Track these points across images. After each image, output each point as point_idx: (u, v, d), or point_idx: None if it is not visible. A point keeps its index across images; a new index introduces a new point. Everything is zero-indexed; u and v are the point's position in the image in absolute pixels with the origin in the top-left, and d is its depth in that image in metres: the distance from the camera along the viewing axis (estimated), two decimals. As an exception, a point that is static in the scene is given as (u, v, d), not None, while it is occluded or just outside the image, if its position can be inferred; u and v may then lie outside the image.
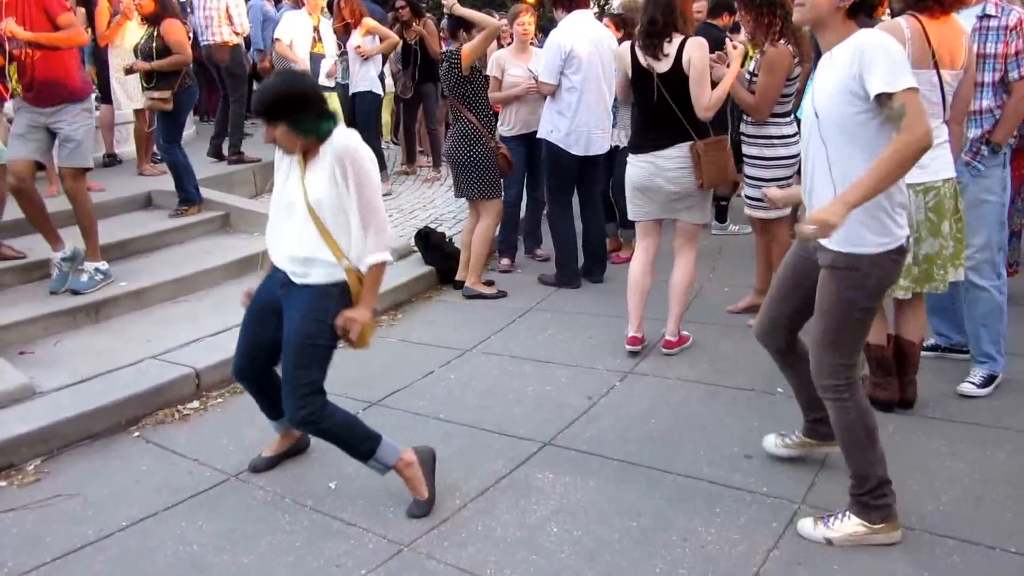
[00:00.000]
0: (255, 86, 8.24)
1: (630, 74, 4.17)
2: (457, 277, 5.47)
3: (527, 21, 5.62)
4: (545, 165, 5.43)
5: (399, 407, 3.83)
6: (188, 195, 6.09)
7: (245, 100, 7.80)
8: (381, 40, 7.44)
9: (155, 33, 5.88)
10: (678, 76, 3.98)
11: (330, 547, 2.80)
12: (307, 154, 2.84)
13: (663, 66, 4.01)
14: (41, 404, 3.61)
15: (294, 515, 3.00)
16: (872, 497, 2.64)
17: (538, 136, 5.36)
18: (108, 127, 7.47)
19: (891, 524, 2.65)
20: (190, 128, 8.36)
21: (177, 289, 4.92)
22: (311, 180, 2.81)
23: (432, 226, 6.36)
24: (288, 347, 2.85)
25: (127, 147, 7.63)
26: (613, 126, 5.47)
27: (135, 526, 2.96)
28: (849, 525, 2.66)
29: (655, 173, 4.09)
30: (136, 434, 3.63)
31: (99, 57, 7.51)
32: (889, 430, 3.21)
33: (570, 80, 5.10)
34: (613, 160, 5.63)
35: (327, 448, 3.05)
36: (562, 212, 5.46)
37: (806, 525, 2.73)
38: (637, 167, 4.17)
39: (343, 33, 7.67)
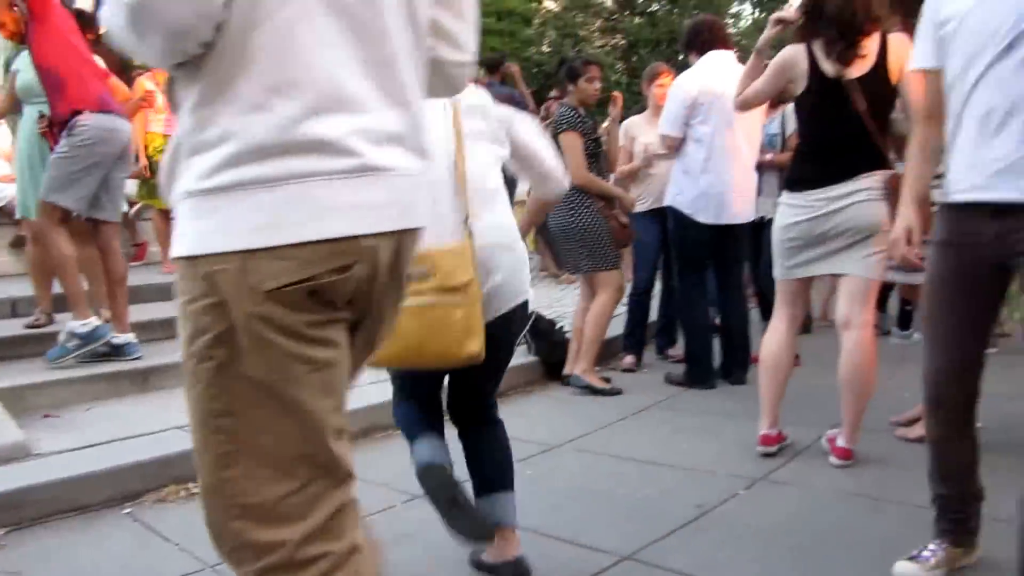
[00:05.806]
0: None
1: (803, 85, 3.08)
2: (565, 371, 4.58)
3: (667, 83, 4.77)
4: (671, 237, 4.52)
5: (450, 503, 2.95)
6: None
7: None
8: None
9: None
10: (878, 84, 2.98)
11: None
12: None
13: (859, 70, 2.98)
14: (27, 467, 3.03)
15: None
16: None
17: (663, 204, 4.53)
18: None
19: None
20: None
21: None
22: None
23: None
24: None
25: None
26: (759, 193, 4.54)
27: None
28: None
29: (832, 211, 3.00)
30: (127, 510, 2.97)
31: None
32: None
33: (696, 131, 4.25)
34: (759, 237, 4.67)
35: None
36: (692, 294, 4.48)
37: None
38: (805, 208, 3.06)
39: None
